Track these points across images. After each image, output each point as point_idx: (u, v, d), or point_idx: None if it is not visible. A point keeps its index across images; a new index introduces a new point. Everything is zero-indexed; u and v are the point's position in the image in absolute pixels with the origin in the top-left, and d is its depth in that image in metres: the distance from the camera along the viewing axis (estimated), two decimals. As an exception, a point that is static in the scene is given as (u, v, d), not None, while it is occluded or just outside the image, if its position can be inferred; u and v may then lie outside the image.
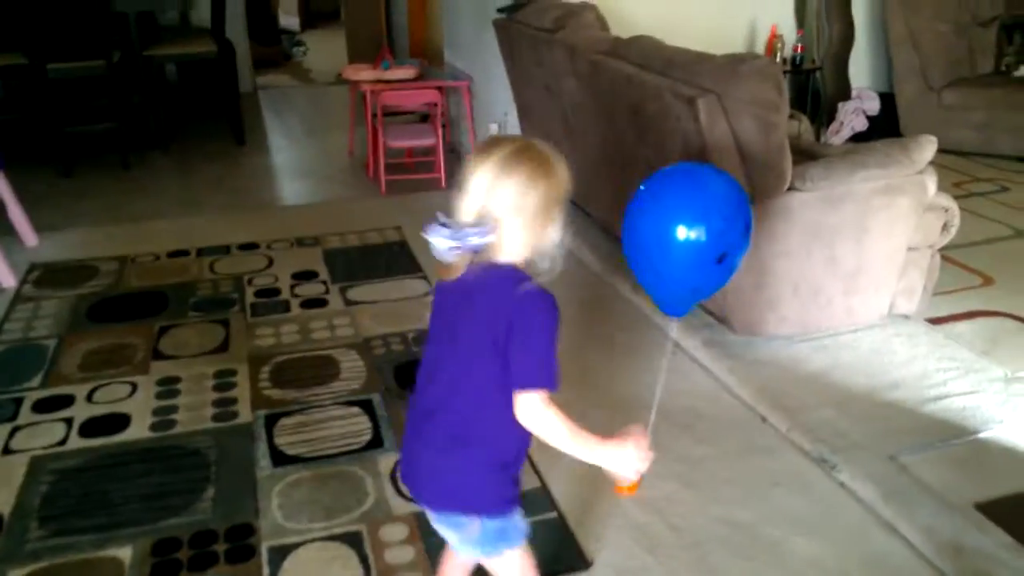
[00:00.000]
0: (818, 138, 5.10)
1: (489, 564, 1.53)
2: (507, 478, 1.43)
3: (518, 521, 1.48)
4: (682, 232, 1.79)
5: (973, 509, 2.06)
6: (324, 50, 9.40)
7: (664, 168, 1.99)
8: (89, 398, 2.68)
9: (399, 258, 3.77)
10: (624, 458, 1.41)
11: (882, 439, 2.35)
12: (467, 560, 1.65)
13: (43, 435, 2.48)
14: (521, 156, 1.34)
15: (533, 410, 1.33)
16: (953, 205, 2.86)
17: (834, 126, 5.18)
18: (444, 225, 1.33)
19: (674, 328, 2.09)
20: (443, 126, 5.08)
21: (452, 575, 1.71)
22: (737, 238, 1.84)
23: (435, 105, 4.95)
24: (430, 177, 4.81)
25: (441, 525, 1.49)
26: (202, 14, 6.29)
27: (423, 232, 1.34)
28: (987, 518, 2.02)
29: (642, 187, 1.94)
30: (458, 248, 1.32)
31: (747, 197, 1.94)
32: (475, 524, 1.42)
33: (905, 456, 2.27)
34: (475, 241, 1.32)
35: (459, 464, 1.40)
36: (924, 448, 2.31)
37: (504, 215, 1.33)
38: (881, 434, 2.37)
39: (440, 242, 1.31)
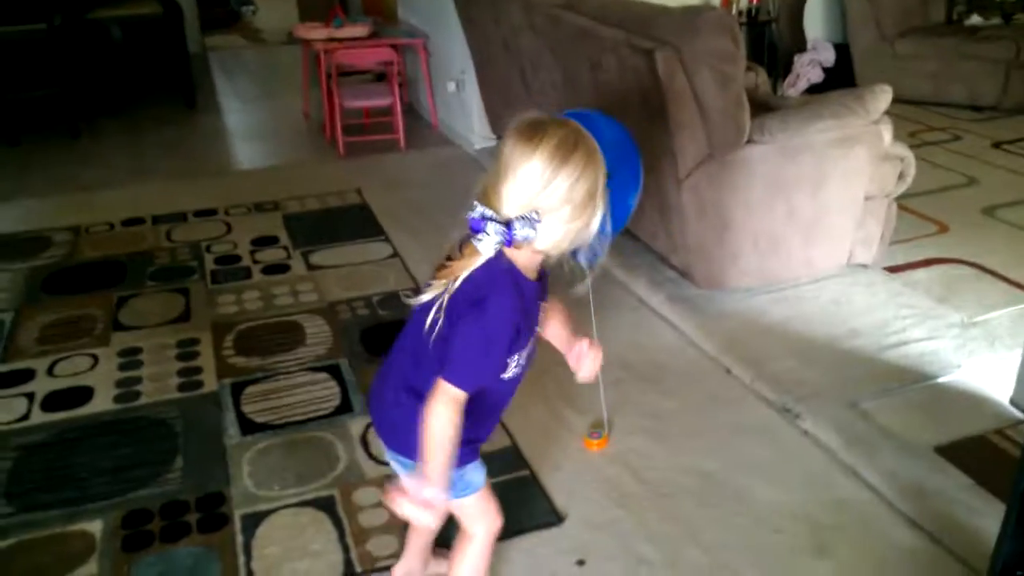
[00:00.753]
0: (775, 90, 5.12)
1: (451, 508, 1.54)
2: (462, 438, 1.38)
3: (470, 474, 1.52)
4: None
5: (933, 452, 2.12)
6: (274, 9, 9.17)
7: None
8: (50, 372, 2.63)
9: (361, 221, 3.73)
10: (423, 493, 1.32)
11: (843, 387, 2.40)
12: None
13: (4, 411, 2.44)
14: (573, 145, 1.26)
15: (435, 399, 1.31)
16: (909, 154, 2.90)
17: (790, 78, 5.21)
18: (491, 219, 1.27)
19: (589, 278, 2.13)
20: (400, 85, 5.01)
21: (417, 541, 1.75)
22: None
23: (391, 64, 4.87)
24: (389, 138, 4.75)
25: (395, 464, 1.53)
26: (146, -27, 6.09)
27: (469, 221, 1.29)
28: (947, 460, 2.08)
29: None
30: (505, 243, 1.27)
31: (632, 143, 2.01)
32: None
33: (866, 403, 2.33)
34: (523, 234, 1.26)
35: (408, 412, 1.39)
36: (884, 394, 2.37)
37: (553, 207, 1.25)
38: (842, 382, 2.42)
39: (491, 239, 1.27)
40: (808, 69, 5.16)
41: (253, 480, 2.14)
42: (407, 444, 1.40)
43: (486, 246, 1.28)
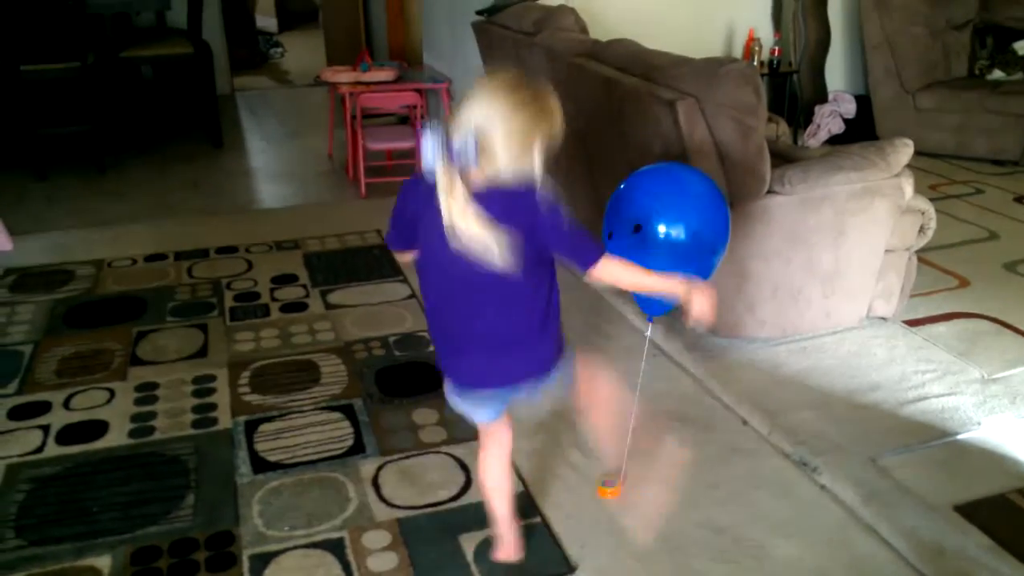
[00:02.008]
0: (795, 141, 5.15)
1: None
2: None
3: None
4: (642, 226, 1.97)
5: (952, 511, 2.08)
6: (302, 52, 9.35)
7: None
8: (66, 404, 2.64)
9: (379, 261, 3.76)
10: (678, 288, 1.73)
11: (862, 441, 2.37)
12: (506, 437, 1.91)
13: (19, 442, 2.45)
14: (521, 85, 1.56)
15: (601, 271, 1.64)
16: (929, 207, 2.89)
17: (811, 128, 5.23)
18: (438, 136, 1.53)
19: (649, 328, 2.16)
20: (422, 128, 5.07)
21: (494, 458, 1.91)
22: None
23: (414, 107, 4.93)
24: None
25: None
26: (178, 15, 6.23)
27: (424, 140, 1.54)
28: (967, 520, 2.04)
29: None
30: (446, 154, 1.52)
31: (718, 192, 2.00)
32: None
33: (885, 458, 2.29)
34: (470, 157, 1.51)
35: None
36: (904, 450, 2.33)
37: (490, 130, 1.51)
38: (861, 436, 2.39)
39: (430, 151, 1.54)
40: (829, 120, 5.18)
41: (263, 519, 2.13)
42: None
43: (427, 153, 1.55)
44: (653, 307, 2.16)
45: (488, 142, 1.52)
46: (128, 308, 3.30)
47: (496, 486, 1.92)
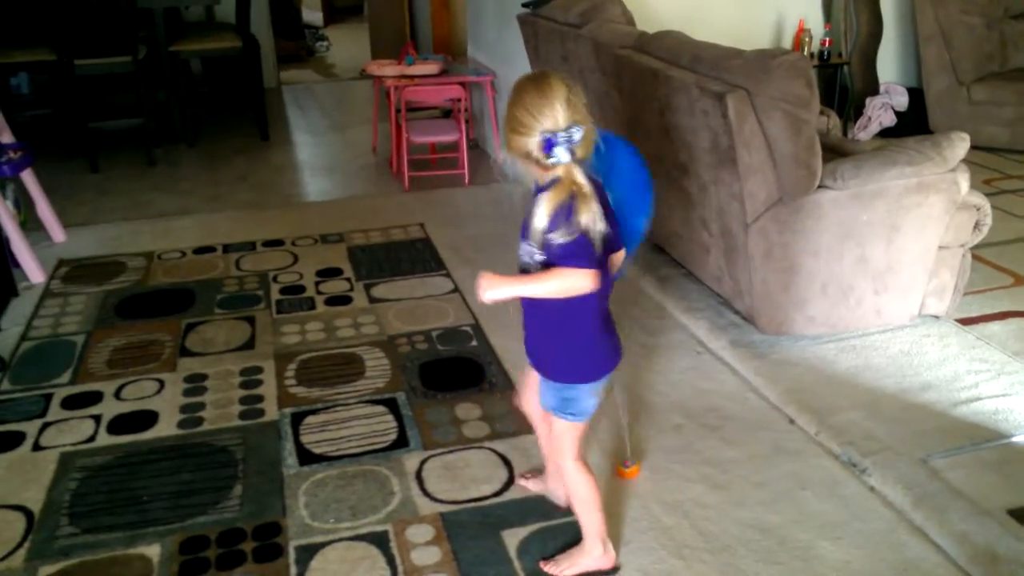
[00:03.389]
0: (845, 133, 5.04)
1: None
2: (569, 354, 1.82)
3: (581, 397, 1.82)
4: None
5: (1007, 515, 2.03)
6: (347, 45, 9.41)
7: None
8: (117, 395, 2.70)
9: (423, 255, 3.77)
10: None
11: (912, 442, 2.31)
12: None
13: (72, 432, 2.51)
14: (524, 83, 1.63)
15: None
16: (985, 203, 2.81)
17: (862, 121, 5.12)
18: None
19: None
20: (466, 122, 5.07)
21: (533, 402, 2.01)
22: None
23: (458, 100, 4.94)
24: (454, 173, 4.80)
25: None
26: (227, 10, 6.30)
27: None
28: (1021, 524, 1.99)
29: None
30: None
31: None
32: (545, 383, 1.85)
33: (936, 460, 2.24)
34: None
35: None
36: (955, 452, 2.28)
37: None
38: (911, 437, 2.34)
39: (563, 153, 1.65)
40: (880, 112, 5.07)
41: (309, 511, 2.15)
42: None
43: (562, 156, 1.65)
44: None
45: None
46: (177, 300, 3.36)
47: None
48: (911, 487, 2.13)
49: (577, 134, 1.59)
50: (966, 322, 2.94)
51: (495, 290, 1.76)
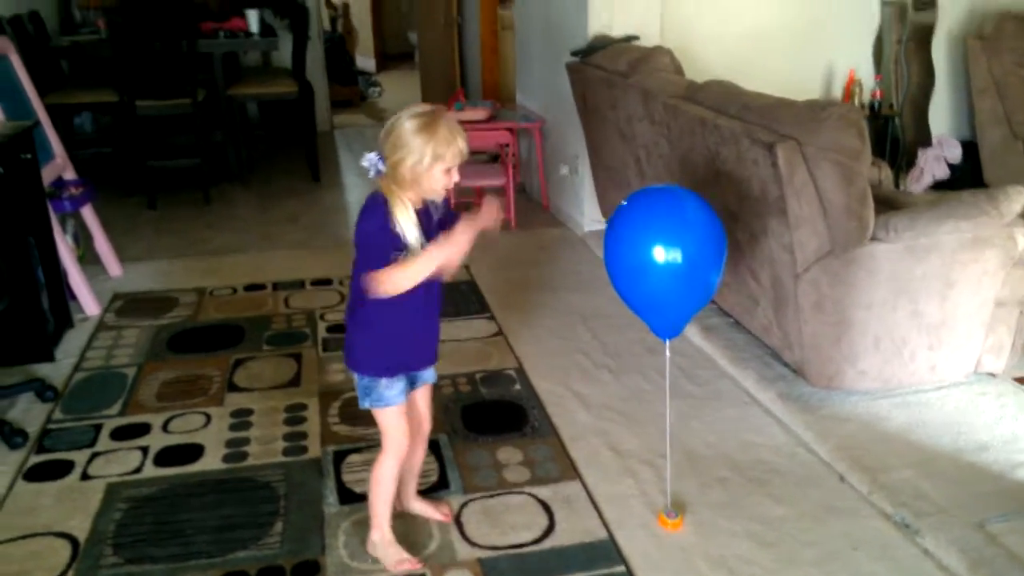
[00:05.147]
0: (897, 185, 4.98)
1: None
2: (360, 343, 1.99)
3: (384, 389, 1.98)
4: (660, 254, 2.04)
5: (1070, 585, 1.94)
6: (398, 91, 9.60)
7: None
8: (165, 427, 2.73)
9: (467, 298, 3.78)
10: (448, 249, 1.85)
11: (968, 504, 2.24)
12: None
13: (120, 462, 2.54)
14: (415, 116, 1.80)
15: (375, 287, 1.82)
16: (1045, 259, 2.75)
17: (914, 173, 5.05)
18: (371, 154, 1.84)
19: (667, 349, 2.27)
20: (513, 167, 5.12)
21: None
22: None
23: (506, 146, 4.99)
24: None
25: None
26: (284, 56, 6.49)
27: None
28: (1086, 595, 1.90)
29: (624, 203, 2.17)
30: (371, 169, 1.85)
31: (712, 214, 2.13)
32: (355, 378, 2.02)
33: (993, 524, 2.16)
34: (378, 167, 1.84)
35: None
36: (1013, 516, 2.19)
37: (393, 154, 1.81)
38: (967, 499, 2.26)
39: (365, 162, 1.86)
40: (933, 164, 5.00)
41: (348, 551, 2.14)
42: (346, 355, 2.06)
43: (364, 163, 1.87)
44: (664, 330, 2.22)
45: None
46: (227, 336, 3.41)
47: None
48: (967, 551, 2.05)
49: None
50: (1024, 381, 2.86)
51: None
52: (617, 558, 2.11)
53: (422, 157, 1.79)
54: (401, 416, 2.03)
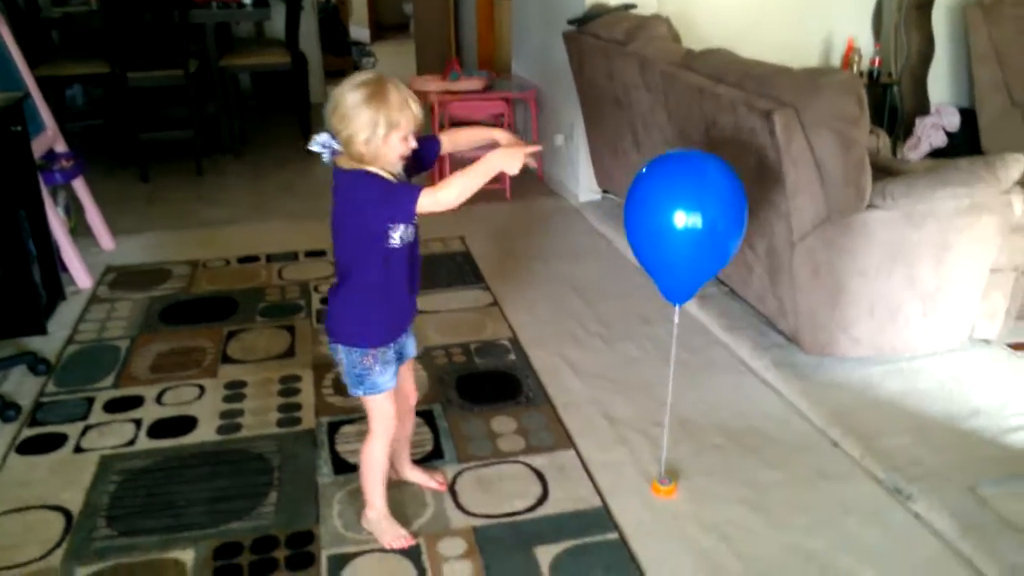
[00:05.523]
0: (895, 153, 4.95)
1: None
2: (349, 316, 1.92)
3: (376, 375, 1.94)
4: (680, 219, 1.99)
5: (1061, 548, 1.95)
6: (393, 62, 9.50)
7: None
8: (158, 399, 2.73)
9: (462, 268, 3.77)
10: (499, 159, 1.81)
11: (961, 469, 2.24)
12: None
13: (113, 435, 2.54)
14: (360, 85, 1.73)
15: (432, 204, 1.76)
16: (1041, 226, 2.73)
17: (912, 141, 5.03)
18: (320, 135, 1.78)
19: (676, 314, 2.25)
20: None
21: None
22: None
23: (502, 116, 4.95)
24: (495, 188, 4.80)
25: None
26: (277, 26, 6.42)
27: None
28: (1077, 559, 1.91)
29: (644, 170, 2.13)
30: (324, 153, 1.78)
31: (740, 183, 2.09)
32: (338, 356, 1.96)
33: (985, 488, 2.16)
34: (332, 145, 1.77)
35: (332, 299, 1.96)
36: (1005, 480, 2.20)
37: (343, 130, 1.73)
38: (959, 464, 2.27)
39: (315, 146, 1.78)
40: (931, 132, 4.97)
41: (342, 521, 2.15)
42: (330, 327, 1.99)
43: (314, 147, 1.78)
44: (678, 294, 2.18)
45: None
46: (220, 307, 3.40)
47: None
48: (958, 516, 2.06)
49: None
50: (1018, 347, 2.85)
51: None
52: (610, 525, 2.12)
53: (376, 128, 1.71)
54: (391, 399, 2.00)
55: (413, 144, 1.79)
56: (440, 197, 1.75)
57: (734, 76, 2.78)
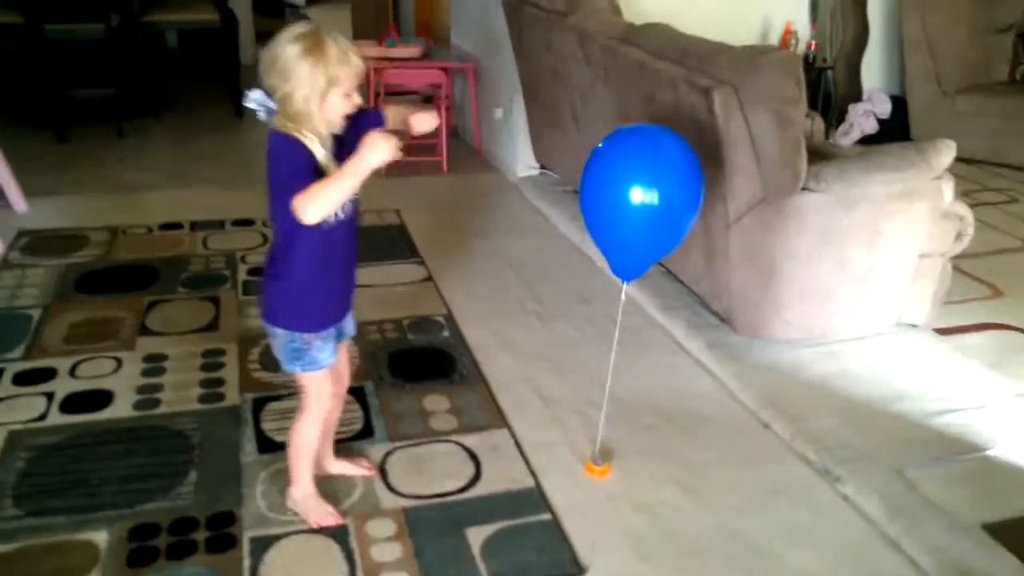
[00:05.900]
0: (827, 138, 5.02)
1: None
2: (289, 298, 1.81)
3: (316, 352, 1.84)
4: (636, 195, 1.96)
5: (982, 530, 1.99)
6: (329, 25, 9.12)
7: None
8: (72, 372, 2.59)
9: (397, 242, 3.68)
10: (370, 155, 1.62)
11: (888, 452, 2.28)
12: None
13: (23, 409, 2.40)
14: (297, 38, 1.62)
15: (299, 215, 1.62)
16: (968, 213, 2.79)
17: (843, 127, 5.09)
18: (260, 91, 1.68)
19: (623, 291, 2.22)
20: (447, 109, 4.99)
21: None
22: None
23: (439, 87, 4.85)
24: (431, 160, 4.71)
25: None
26: (206, -18, 6.16)
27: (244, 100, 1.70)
28: (996, 541, 1.95)
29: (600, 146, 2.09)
30: (259, 111, 1.70)
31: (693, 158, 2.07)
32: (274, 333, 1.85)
33: (911, 470, 2.20)
34: (268, 104, 1.69)
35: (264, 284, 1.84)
36: (931, 463, 2.24)
37: (280, 87, 1.63)
38: (886, 447, 2.30)
39: (250, 103, 1.70)
40: (863, 119, 5.04)
41: (266, 501, 2.07)
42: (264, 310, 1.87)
43: (249, 104, 1.71)
44: (627, 271, 2.17)
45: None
46: (140, 276, 3.25)
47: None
48: (886, 498, 2.09)
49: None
50: (944, 332, 2.92)
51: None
52: (543, 506, 2.09)
53: (314, 84, 1.61)
54: (327, 376, 1.91)
55: (357, 100, 1.69)
56: (306, 214, 1.62)
57: (675, 52, 2.75)
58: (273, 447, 2.27)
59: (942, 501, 2.09)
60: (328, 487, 2.11)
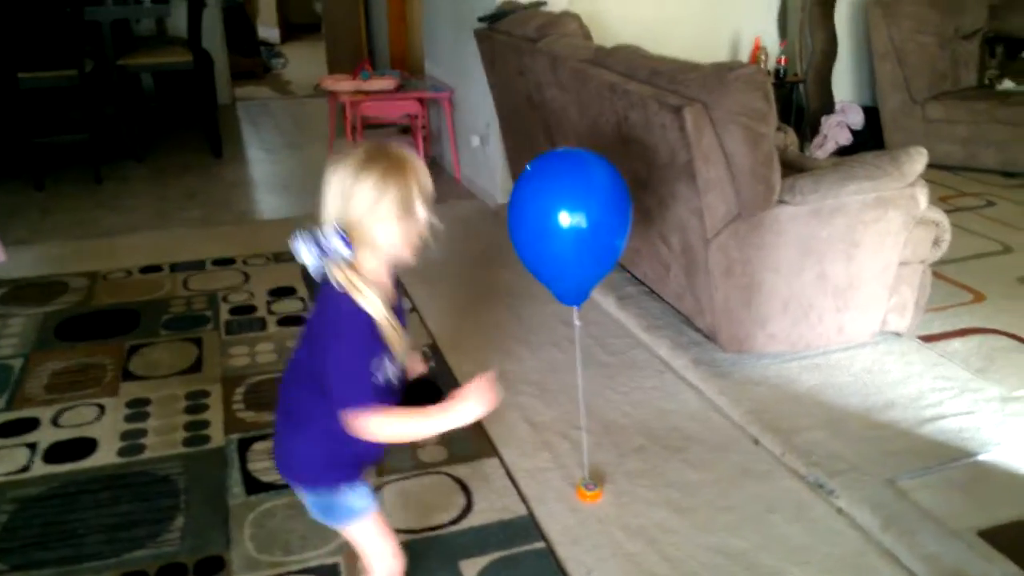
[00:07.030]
0: (802, 152, 5.06)
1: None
2: (330, 459, 1.52)
3: (348, 499, 1.54)
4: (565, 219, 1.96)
5: (976, 536, 1.99)
6: (304, 62, 9.30)
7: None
8: (55, 421, 2.56)
9: (379, 273, 3.67)
10: (466, 411, 1.43)
11: (879, 462, 2.27)
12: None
13: (5, 461, 2.36)
14: (372, 159, 1.36)
15: (357, 426, 1.39)
16: (944, 219, 2.81)
17: (818, 139, 5.14)
18: (311, 236, 1.36)
19: (576, 316, 2.20)
20: (424, 139, 5.00)
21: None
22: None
23: (416, 117, 4.87)
24: (411, 190, 4.71)
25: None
26: (180, 24, 6.18)
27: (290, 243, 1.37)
28: (991, 546, 1.95)
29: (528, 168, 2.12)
30: (325, 256, 1.37)
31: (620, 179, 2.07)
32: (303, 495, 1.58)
33: (903, 480, 2.20)
34: (340, 251, 1.36)
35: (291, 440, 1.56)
36: (923, 471, 2.24)
37: (361, 219, 1.36)
38: (877, 457, 2.30)
39: (305, 254, 1.36)
40: (836, 131, 5.10)
41: (255, 543, 2.04)
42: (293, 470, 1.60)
43: (305, 258, 1.36)
44: (569, 297, 2.18)
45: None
46: (121, 321, 3.22)
47: None
48: (879, 509, 2.08)
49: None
50: (928, 339, 2.93)
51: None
52: (536, 535, 2.07)
53: (405, 213, 1.39)
54: (382, 526, 1.60)
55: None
56: (365, 433, 1.39)
57: (645, 72, 2.77)
58: (261, 488, 2.24)
59: (936, 509, 2.08)
60: (316, 526, 2.08)
